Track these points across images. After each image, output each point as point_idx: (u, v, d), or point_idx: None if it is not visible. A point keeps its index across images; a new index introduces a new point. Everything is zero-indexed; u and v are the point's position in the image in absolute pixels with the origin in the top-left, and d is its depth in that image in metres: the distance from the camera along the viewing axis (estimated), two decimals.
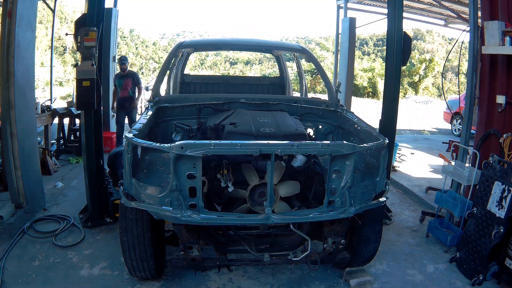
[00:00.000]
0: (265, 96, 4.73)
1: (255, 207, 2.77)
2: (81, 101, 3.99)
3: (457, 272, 3.64)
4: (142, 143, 2.64)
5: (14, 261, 3.47)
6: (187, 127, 3.92)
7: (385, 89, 4.59)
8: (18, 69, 3.96)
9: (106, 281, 3.27)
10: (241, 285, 3.32)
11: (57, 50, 22.84)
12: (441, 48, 39.38)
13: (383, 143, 2.89)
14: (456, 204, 4.05)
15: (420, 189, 5.81)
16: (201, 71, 35.28)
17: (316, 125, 4.33)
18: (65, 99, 13.38)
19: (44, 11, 19.45)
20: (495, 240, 3.31)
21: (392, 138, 4.41)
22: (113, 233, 4.05)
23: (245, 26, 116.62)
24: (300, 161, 2.85)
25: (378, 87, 23.85)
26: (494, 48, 3.83)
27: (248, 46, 6.35)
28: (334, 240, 2.98)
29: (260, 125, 3.29)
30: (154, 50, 39.20)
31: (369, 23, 10.04)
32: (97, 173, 4.20)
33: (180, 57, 5.96)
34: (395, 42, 4.28)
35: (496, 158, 3.59)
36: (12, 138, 4.02)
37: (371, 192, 2.90)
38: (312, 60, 4.79)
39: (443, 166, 4.55)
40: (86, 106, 4.02)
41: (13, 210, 4.10)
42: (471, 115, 4.34)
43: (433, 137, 10.92)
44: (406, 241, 4.24)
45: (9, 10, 3.88)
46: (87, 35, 3.80)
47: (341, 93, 6.57)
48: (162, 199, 2.55)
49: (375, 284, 3.38)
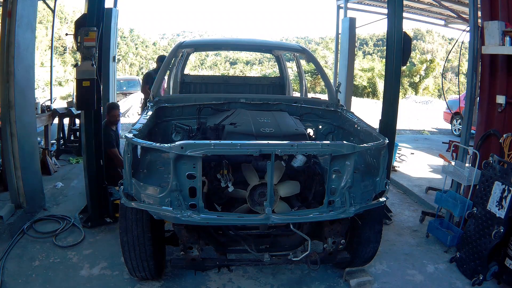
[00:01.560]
0: (265, 96, 4.72)
1: (255, 207, 2.77)
2: (81, 101, 3.99)
3: (457, 272, 3.64)
4: (142, 143, 2.64)
5: (14, 261, 3.47)
6: (187, 127, 3.92)
7: (385, 89, 4.59)
8: (18, 69, 3.96)
9: (106, 281, 3.27)
10: (241, 285, 3.32)
11: (57, 50, 22.87)
12: (441, 48, 39.40)
13: (383, 143, 2.89)
14: (456, 204, 4.05)
15: (420, 189, 5.80)
16: (201, 71, 35.30)
17: (316, 125, 4.33)
18: (65, 99, 13.40)
19: (44, 11, 19.46)
20: (495, 240, 3.31)
21: (392, 138, 4.41)
22: (113, 233, 4.04)
23: (245, 26, 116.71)
24: (300, 161, 2.85)
25: (378, 87, 23.86)
26: (494, 48, 3.83)
27: (248, 46, 6.35)
28: (334, 240, 2.98)
29: (260, 125, 3.29)
30: (154, 50, 39.21)
31: (369, 23, 10.04)
32: (97, 173, 4.20)
33: (180, 57, 5.96)
34: (395, 42, 4.28)
35: (496, 158, 3.59)
36: (12, 138, 4.02)
37: (371, 192, 2.90)
38: (312, 60, 4.79)
39: (443, 166, 4.55)
40: (86, 106, 4.01)
41: (13, 210, 4.10)
42: (471, 115, 4.34)
43: (433, 137, 10.91)
44: (406, 241, 4.24)
45: (9, 10, 3.88)
46: (87, 35, 3.80)
47: (341, 93, 6.56)
48: (162, 199, 2.55)
49: (375, 284, 3.38)
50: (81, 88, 3.88)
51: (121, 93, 13.84)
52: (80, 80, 3.84)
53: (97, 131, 4.18)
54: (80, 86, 3.85)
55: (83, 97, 3.95)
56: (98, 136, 4.19)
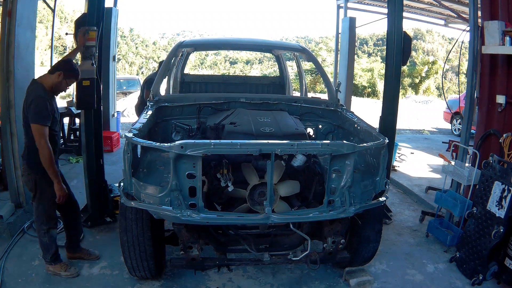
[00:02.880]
0: (265, 95, 4.72)
1: (255, 206, 2.78)
2: (81, 101, 3.99)
3: (457, 272, 3.64)
4: (142, 142, 2.64)
5: (14, 261, 3.47)
6: (187, 127, 3.92)
7: (385, 89, 4.59)
8: (18, 69, 3.96)
9: (106, 281, 3.28)
10: (241, 285, 3.32)
11: (57, 50, 22.82)
12: (441, 48, 39.37)
13: (383, 143, 2.89)
14: (456, 204, 4.05)
15: (420, 189, 5.81)
16: (201, 70, 35.29)
17: (316, 125, 4.33)
18: (65, 99, 13.36)
19: (44, 10, 19.46)
20: (495, 240, 3.31)
21: (392, 138, 4.41)
22: (113, 233, 4.05)
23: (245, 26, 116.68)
24: (300, 160, 2.85)
25: (378, 86, 23.83)
26: (494, 48, 3.83)
27: (248, 45, 6.35)
28: (334, 240, 2.98)
29: (260, 125, 3.29)
30: (154, 49, 39.21)
31: (369, 23, 10.04)
32: (97, 172, 4.20)
33: (180, 56, 5.96)
34: (395, 42, 4.28)
35: (496, 158, 3.59)
36: (12, 138, 4.02)
37: (371, 191, 2.90)
38: (312, 60, 4.79)
39: (443, 166, 4.55)
40: (86, 105, 4.01)
41: (13, 209, 4.10)
42: (471, 115, 4.34)
43: (433, 137, 10.91)
44: (406, 241, 4.24)
45: (9, 10, 3.87)
46: (87, 34, 3.80)
47: (341, 93, 6.57)
48: (162, 199, 2.55)
49: (375, 283, 3.39)
50: (81, 87, 3.88)
51: (121, 92, 13.83)
52: (80, 79, 3.84)
53: (97, 131, 4.18)
54: (80, 85, 3.85)
55: (83, 96, 3.95)
56: (98, 135, 4.19)
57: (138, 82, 15.27)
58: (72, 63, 3.19)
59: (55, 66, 3.10)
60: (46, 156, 2.94)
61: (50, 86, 3.08)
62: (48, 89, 3.07)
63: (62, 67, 3.08)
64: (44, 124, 2.94)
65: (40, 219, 3.18)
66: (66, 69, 3.09)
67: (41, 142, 2.92)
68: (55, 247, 3.27)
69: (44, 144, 2.92)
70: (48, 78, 3.08)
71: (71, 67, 3.14)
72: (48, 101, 2.99)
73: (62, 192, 3.08)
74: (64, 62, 3.15)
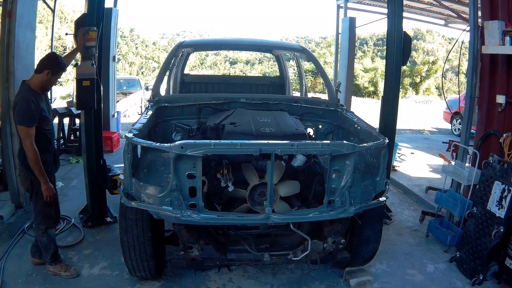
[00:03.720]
0: (265, 96, 4.73)
1: (255, 206, 2.78)
2: (81, 101, 3.99)
3: (457, 272, 3.64)
4: (142, 142, 2.64)
5: (14, 261, 3.47)
6: (187, 127, 3.92)
7: (385, 89, 4.59)
8: (18, 69, 3.96)
9: (106, 281, 3.27)
10: (241, 285, 3.32)
11: (57, 50, 22.82)
12: (441, 47, 39.34)
13: (383, 143, 2.89)
14: (456, 204, 4.05)
15: (420, 189, 5.81)
16: (201, 71, 35.29)
17: (316, 125, 4.33)
18: (65, 99, 13.38)
19: (44, 11, 19.45)
20: (495, 240, 3.31)
21: (392, 138, 4.41)
22: (113, 233, 4.05)
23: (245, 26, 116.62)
24: (300, 161, 2.86)
25: (380, 86, 23.82)
26: (494, 48, 3.83)
27: (248, 46, 6.35)
28: (334, 240, 2.98)
29: (260, 125, 3.29)
30: (154, 49, 39.20)
31: (369, 23, 10.06)
32: (97, 173, 4.20)
33: (180, 57, 5.96)
34: (395, 41, 4.29)
35: (496, 158, 3.59)
36: (12, 138, 4.02)
37: (371, 191, 2.90)
38: (312, 60, 4.79)
39: (443, 166, 4.55)
40: (86, 106, 4.01)
41: (13, 210, 4.10)
42: (471, 115, 4.34)
43: (433, 137, 10.91)
44: (406, 241, 4.24)
45: (9, 10, 3.87)
46: (87, 34, 3.80)
47: (341, 93, 6.57)
48: (162, 199, 2.55)
49: (375, 283, 3.39)
50: (81, 87, 3.88)
51: (121, 92, 13.83)
52: (80, 80, 3.84)
53: (97, 131, 4.17)
54: (80, 86, 3.86)
55: (83, 97, 3.95)
56: (98, 136, 4.19)
57: (138, 83, 15.26)
58: (57, 58, 3.12)
59: (41, 64, 3.04)
60: (31, 156, 2.93)
61: (38, 85, 3.04)
62: (36, 88, 3.04)
63: (49, 65, 3.02)
64: (28, 125, 2.92)
65: (37, 219, 3.18)
66: (53, 65, 3.04)
67: (26, 143, 2.92)
68: (54, 247, 3.26)
69: (29, 145, 2.91)
70: (35, 77, 3.05)
71: (57, 62, 3.08)
72: (32, 101, 2.94)
73: (50, 192, 3.07)
74: (49, 59, 3.07)
